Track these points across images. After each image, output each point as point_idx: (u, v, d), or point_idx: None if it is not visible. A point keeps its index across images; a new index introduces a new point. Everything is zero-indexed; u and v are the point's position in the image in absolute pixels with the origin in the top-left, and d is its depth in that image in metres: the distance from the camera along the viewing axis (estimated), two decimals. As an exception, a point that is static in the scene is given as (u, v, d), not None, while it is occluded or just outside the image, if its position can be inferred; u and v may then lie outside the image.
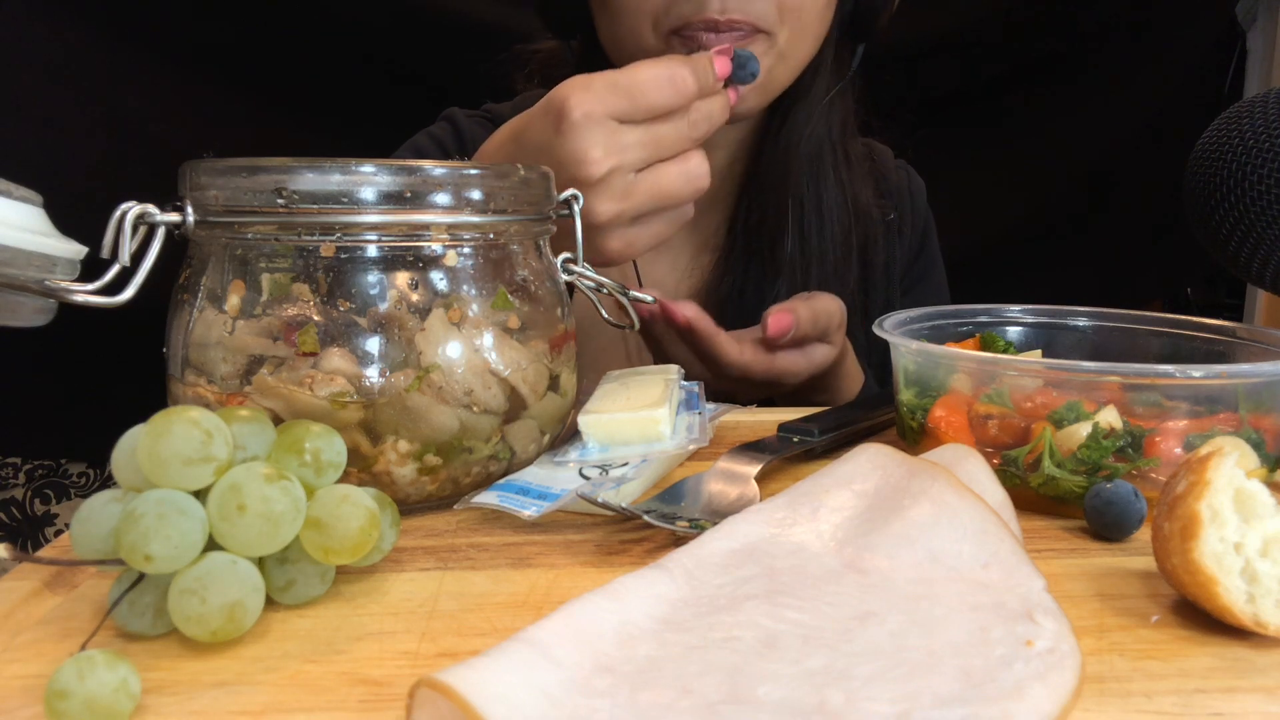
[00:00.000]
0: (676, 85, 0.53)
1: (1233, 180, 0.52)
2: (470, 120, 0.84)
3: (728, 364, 0.62)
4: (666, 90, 0.53)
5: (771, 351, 0.64)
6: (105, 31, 1.12)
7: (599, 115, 0.51)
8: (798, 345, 0.65)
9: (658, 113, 0.53)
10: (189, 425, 0.30)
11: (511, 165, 0.43)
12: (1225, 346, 0.51)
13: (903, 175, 0.90)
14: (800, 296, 0.67)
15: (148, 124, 1.16)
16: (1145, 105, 1.52)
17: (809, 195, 0.78)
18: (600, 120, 0.51)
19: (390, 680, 0.28)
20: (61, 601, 0.34)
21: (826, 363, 0.67)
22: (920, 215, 0.90)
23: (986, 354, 0.50)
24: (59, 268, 0.37)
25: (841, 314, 0.67)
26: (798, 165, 0.77)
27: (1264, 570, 0.30)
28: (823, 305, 0.65)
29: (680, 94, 0.53)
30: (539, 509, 0.39)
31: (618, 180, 0.53)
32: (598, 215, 0.53)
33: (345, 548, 0.32)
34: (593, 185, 0.52)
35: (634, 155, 0.53)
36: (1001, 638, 0.27)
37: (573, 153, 0.51)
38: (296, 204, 0.37)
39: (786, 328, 0.62)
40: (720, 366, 0.63)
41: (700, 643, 0.28)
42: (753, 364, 0.63)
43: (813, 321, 0.64)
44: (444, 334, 0.40)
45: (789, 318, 0.62)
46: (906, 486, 0.36)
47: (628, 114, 0.52)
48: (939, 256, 0.92)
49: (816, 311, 0.64)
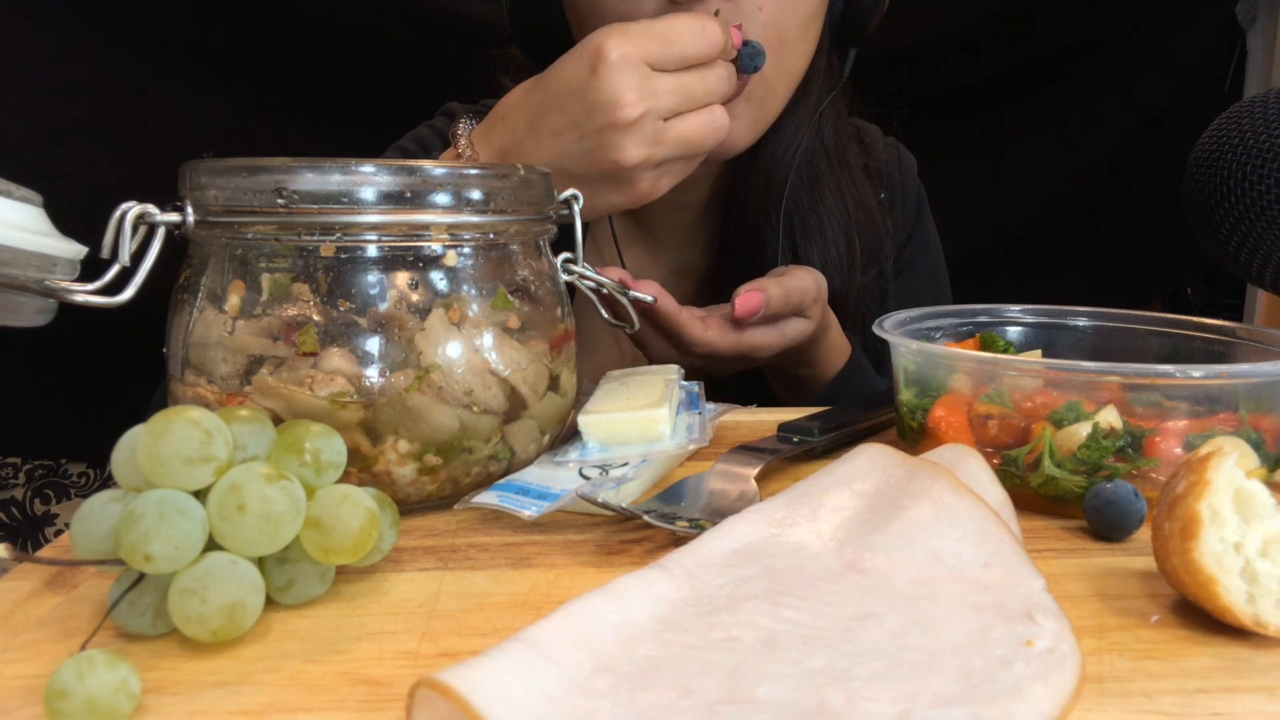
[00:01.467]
0: (709, 37, 0.55)
1: (1233, 180, 0.52)
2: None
3: (692, 342, 0.61)
4: (700, 40, 0.55)
5: (741, 329, 0.63)
6: (105, 31, 1.12)
7: (635, 59, 0.53)
8: (770, 322, 0.64)
9: (689, 62, 0.55)
10: (189, 425, 0.30)
11: (511, 165, 0.43)
12: (1225, 346, 0.51)
13: (892, 153, 0.89)
14: (775, 272, 0.65)
15: (147, 124, 1.16)
16: (1145, 105, 1.52)
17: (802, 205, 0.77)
18: (636, 64, 0.53)
19: (390, 680, 0.28)
20: (61, 601, 0.34)
21: (801, 337, 0.65)
22: (911, 192, 0.89)
23: (986, 354, 0.50)
24: (59, 268, 0.37)
25: (819, 288, 0.65)
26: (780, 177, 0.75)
27: (1264, 570, 0.30)
28: (796, 281, 0.63)
29: (711, 46, 0.55)
30: (539, 509, 0.39)
31: (649, 125, 0.54)
32: (628, 158, 0.54)
33: (345, 548, 0.32)
34: (624, 128, 0.53)
35: (666, 102, 0.54)
36: (1001, 638, 0.27)
37: (609, 94, 0.53)
38: (296, 204, 0.37)
39: (755, 308, 0.61)
40: (686, 345, 0.62)
41: (700, 643, 0.28)
42: (718, 341, 0.62)
43: (784, 299, 0.62)
44: (444, 334, 0.40)
45: (758, 297, 0.61)
46: (906, 486, 0.36)
47: (661, 61, 0.54)
48: (934, 233, 0.91)
49: (789, 288, 0.63)
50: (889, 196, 0.86)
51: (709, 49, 0.55)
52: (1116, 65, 1.48)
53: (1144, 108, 1.52)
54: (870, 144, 0.87)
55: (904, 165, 0.89)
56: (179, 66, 1.17)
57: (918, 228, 0.89)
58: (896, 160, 0.88)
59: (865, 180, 0.83)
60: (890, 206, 0.85)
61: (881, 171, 0.86)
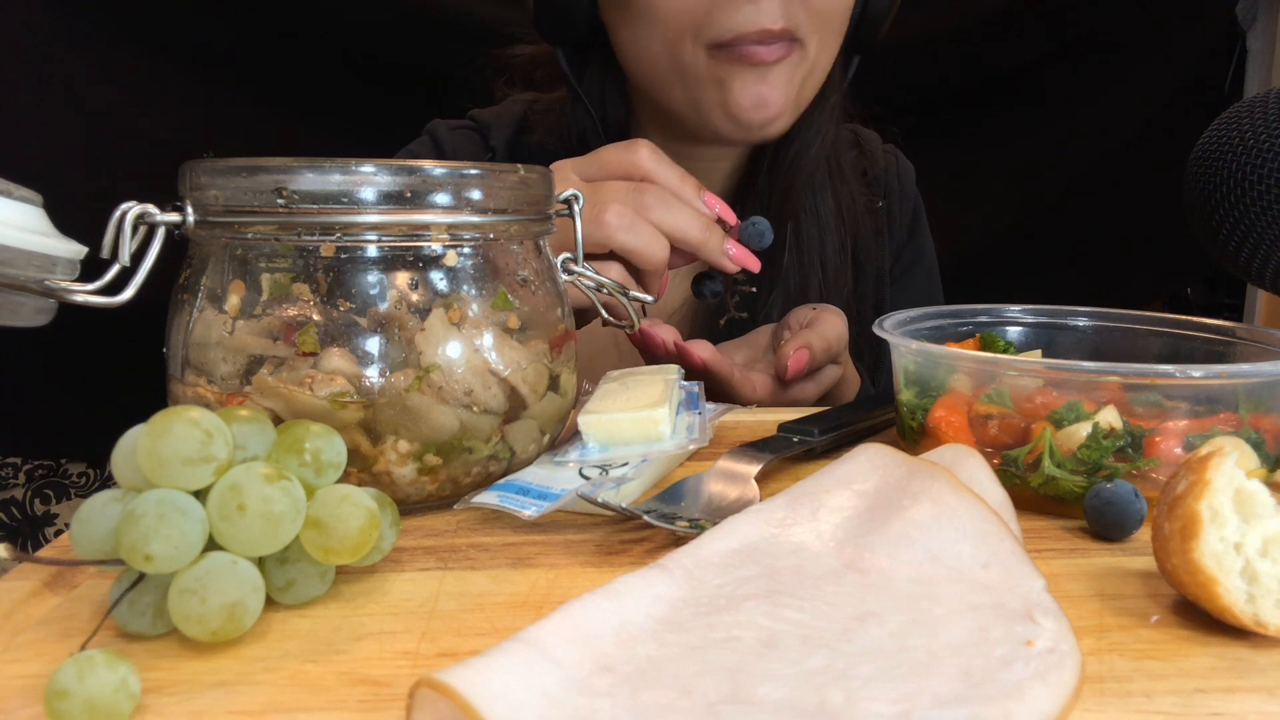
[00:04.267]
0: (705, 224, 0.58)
1: (1233, 180, 0.52)
2: (453, 133, 0.83)
3: (742, 400, 0.63)
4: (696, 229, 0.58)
5: (786, 385, 0.65)
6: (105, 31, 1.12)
7: None
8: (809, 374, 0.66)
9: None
10: (189, 425, 0.30)
11: (511, 165, 0.43)
12: (1225, 346, 0.51)
13: (891, 160, 0.90)
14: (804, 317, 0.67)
15: (146, 124, 1.16)
16: (1145, 105, 1.52)
17: (807, 210, 0.78)
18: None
19: (390, 680, 0.28)
20: (61, 601, 0.34)
21: (834, 382, 0.67)
22: (909, 200, 0.90)
23: (986, 354, 0.50)
24: (59, 268, 0.37)
25: (846, 331, 0.67)
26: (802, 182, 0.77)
27: (1264, 570, 0.30)
28: (833, 330, 0.65)
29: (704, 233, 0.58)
30: (539, 509, 0.39)
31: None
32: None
33: (345, 548, 0.32)
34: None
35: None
36: (1001, 638, 0.27)
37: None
38: (296, 204, 0.37)
39: (803, 366, 0.63)
40: (735, 400, 0.64)
41: (700, 643, 0.28)
42: (765, 399, 0.64)
43: (825, 351, 0.64)
44: (444, 334, 0.40)
45: (805, 355, 0.63)
46: (906, 486, 0.36)
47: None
48: (929, 242, 0.92)
49: (829, 340, 0.65)
50: (886, 205, 0.86)
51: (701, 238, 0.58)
52: (1116, 65, 1.48)
53: (1144, 108, 1.52)
54: (869, 150, 0.88)
55: (902, 173, 0.90)
56: (179, 66, 1.17)
57: (914, 236, 0.90)
58: (895, 168, 0.89)
59: (862, 186, 0.84)
60: (887, 214, 0.86)
61: (880, 178, 0.87)
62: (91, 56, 1.13)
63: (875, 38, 0.75)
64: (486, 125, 0.83)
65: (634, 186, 0.57)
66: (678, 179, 0.58)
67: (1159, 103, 1.53)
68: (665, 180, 0.58)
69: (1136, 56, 1.49)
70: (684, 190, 0.58)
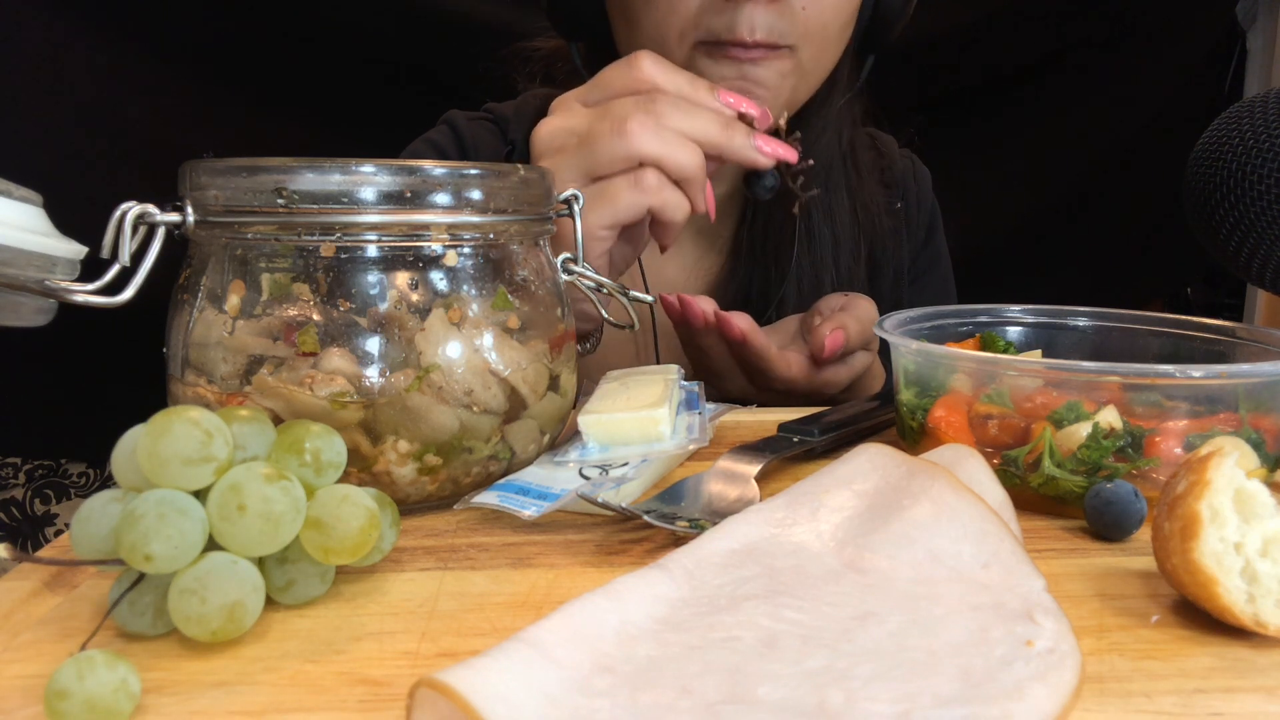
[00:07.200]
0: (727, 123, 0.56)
1: (1233, 180, 0.52)
2: (471, 123, 0.83)
3: (776, 378, 0.63)
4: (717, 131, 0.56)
5: (820, 366, 0.64)
6: (104, 31, 1.13)
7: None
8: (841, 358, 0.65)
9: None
10: (189, 425, 0.30)
11: (511, 165, 0.43)
12: (1225, 346, 0.51)
13: (908, 164, 0.90)
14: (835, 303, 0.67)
15: (147, 124, 1.16)
16: (1145, 105, 1.52)
17: (820, 206, 0.78)
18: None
19: (390, 680, 0.28)
20: (61, 601, 0.34)
21: (864, 369, 0.67)
22: (926, 205, 0.90)
23: (986, 354, 0.50)
24: (59, 268, 0.37)
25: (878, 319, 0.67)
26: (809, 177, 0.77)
27: (1264, 570, 0.30)
28: (866, 314, 0.65)
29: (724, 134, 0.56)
30: (539, 509, 0.39)
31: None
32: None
33: (345, 548, 0.32)
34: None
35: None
36: (1001, 638, 0.27)
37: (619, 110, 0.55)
38: (296, 204, 0.37)
39: (839, 346, 0.62)
40: (769, 381, 0.63)
41: (700, 643, 0.27)
42: (799, 378, 0.64)
43: (860, 334, 0.64)
44: (444, 334, 0.40)
45: (841, 335, 0.62)
46: (906, 486, 0.36)
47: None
48: (944, 247, 0.92)
49: (863, 323, 0.64)
50: (904, 207, 0.87)
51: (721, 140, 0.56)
52: (1117, 65, 1.48)
53: (1144, 107, 1.52)
54: (887, 152, 0.88)
55: (919, 177, 0.91)
56: (179, 66, 1.17)
57: (930, 240, 0.90)
58: (912, 172, 0.90)
59: (879, 186, 0.84)
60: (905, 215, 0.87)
61: (897, 181, 0.87)
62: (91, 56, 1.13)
63: (889, 38, 0.75)
64: (504, 118, 0.83)
65: (645, 97, 0.55)
66: (688, 83, 0.57)
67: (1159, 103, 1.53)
68: (675, 86, 0.56)
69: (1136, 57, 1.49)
70: (696, 93, 0.56)
